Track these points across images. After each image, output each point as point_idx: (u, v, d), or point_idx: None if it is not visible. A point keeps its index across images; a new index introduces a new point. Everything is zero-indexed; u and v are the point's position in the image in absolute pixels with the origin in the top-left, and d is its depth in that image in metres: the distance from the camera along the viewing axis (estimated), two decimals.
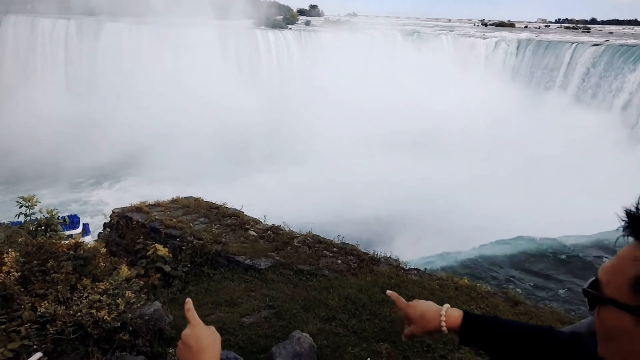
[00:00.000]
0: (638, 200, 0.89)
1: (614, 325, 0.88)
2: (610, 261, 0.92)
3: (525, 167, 28.12)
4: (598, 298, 0.90)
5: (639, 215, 0.87)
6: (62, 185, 32.10)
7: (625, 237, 0.88)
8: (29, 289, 4.89)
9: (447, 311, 1.41)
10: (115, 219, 9.24)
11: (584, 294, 0.94)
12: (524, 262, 15.78)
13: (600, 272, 0.92)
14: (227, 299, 6.58)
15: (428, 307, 1.44)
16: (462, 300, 6.53)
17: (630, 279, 0.85)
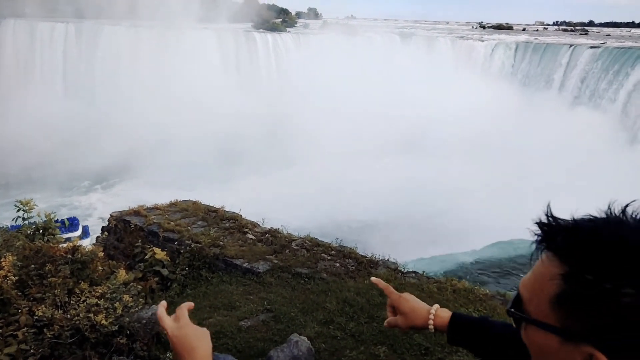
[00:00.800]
0: (548, 209, 0.83)
1: (540, 343, 0.84)
2: (529, 276, 0.87)
3: (522, 169, 28.18)
4: (522, 318, 0.87)
5: (554, 225, 0.82)
6: (54, 189, 32.02)
7: (539, 252, 0.83)
8: (26, 293, 4.89)
9: (437, 310, 1.43)
10: (113, 222, 9.24)
11: (508, 314, 0.90)
12: (522, 264, 15.79)
13: (520, 288, 0.88)
14: (225, 302, 6.58)
15: (418, 303, 1.47)
16: (460, 302, 6.54)
17: (549, 298, 0.80)
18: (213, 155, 35.28)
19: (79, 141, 38.04)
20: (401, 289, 5.66)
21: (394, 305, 1.48)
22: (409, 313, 1.44)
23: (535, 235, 0.83)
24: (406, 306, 1.46)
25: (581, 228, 0.79)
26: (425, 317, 1.41)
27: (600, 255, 0.75)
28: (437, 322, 1.41)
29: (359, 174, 30.09)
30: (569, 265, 0.78)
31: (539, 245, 0.83)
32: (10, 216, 8.08)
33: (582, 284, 0.76)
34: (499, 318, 5.55)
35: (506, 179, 27.35)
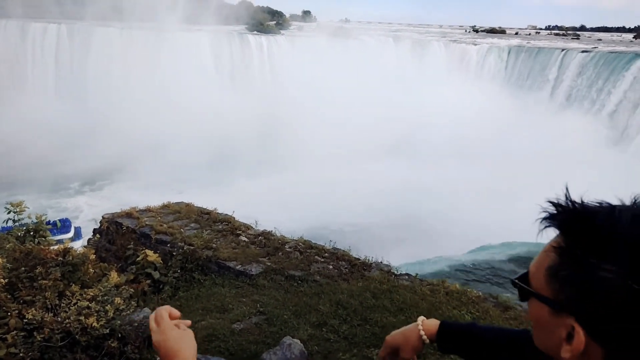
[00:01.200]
0: (566, 191, 0.89)
1: (536, 315, 0.90)
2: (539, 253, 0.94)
3: (514, 171, 28.35)
4: (524, 290, 0.93)
5: (563, 205, 0.88)
6: (42, 191, 31.76)
7: (543, 230, 0.89)
8: (15, 296, 4.83)
9: (423, 322, 1.44)
10: (105, 224, 9.18)
11: (513, 284, 0.96)
12: (514, 267, 15.87)
13: (530, 264, 0.94)
14: (217, 305, 6.55)
15: (404, 327, 1.47)
16: (452, 305, 6.55)
17: (544, 269, 0.87)
18: (205, 158, 35.20)
19: (70, 143, 37.83)
20: (394, 291, 5.66)
21: (390, 346, 1.46)
22: (402, 341, 1.44)
23: (544, 212, 0.89)
24: (396, 338, 1.45)
25: (585, 209, 0.86)
26: (416, 332, 1.43)
27: (592, 235, 0.81)
28: (427, 332, 1.42)
29: (351, 176, 30.16)
30: (565, 240, 0.85)
31: (544, 221, 0.89)
32: (0, 218, 8.03)
33: (571, 257, 0.82)
34: (491, 320, 5.57)
35: (498, 182, 27.52)
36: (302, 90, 39.39)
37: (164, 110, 39.23)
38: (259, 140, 37.07)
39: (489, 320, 6.17)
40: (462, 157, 32.06)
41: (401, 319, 5.96)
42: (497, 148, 32.33)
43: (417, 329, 1.43)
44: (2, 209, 7.15)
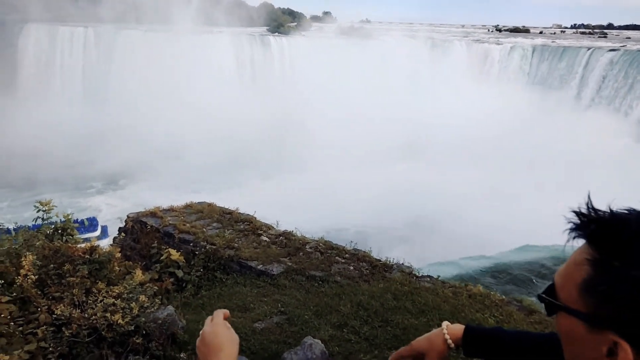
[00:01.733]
0: (588, 200, 0.86)
1: (569, 330, 0.86)
2: (564, 264, 0.90)
3: (539, 173, 27.81)
4: (552, 304, 0.89)
5: (590, 214, 0.85)
6: (64, 191, 32.61)
7: (573, 240, 0.86)
8: (45, 292, 4.98)
9: (447, 327, 1.43)
10: (130, 223, 9.35)
11: (540, 300, 0.93)
12: (539, 270, 15.57)
13: (555, 276, 0.90)
14: (239, 304, 6.61)
15: (429, 333, 1.46)
16: (475, 308, 6.46)
17: (577, 284, 0.83)
18: (223, 159, 35.63)
19: (92, 145, 38.78)
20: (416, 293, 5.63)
21: (414, 352, 1.45)
22: (427, 346, 1.42)
23: (570, 223, 0.86)
24: (421, 343, 1.44)
25: (615, 218, 0.82)
26: (442, 338, 1.41)
27: (629, 244, 0.77)
28: (452, 337, 1.41)
29: (373, 178, 30.03)
30: (598, 251, 0.81)
31: (572, 232, 0.86)
32: (29, 215, 8.27)
33: (609, 270, 0.78)
34: (515, 324, 5.48)
35: (522, 184, 27.03)
36: (321, 92, 39.45)
37: (184, 113, 39.84)
38: (277, 142, 37.28)
39: (513, 324, 6.07)
40: (484, 159, 31.61)
41: (423, 321, 5.91)
42: (519, 150, 31.77)
43: (442, 333, 1.41)
44: (29, 207, 7.36)
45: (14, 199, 32.93)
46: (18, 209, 30.16)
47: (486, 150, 32.74)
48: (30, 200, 32.04)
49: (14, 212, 28.66)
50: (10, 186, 34.29)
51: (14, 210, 30.32)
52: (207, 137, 37.11)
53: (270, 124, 38.37)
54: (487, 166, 30.94)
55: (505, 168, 30.10)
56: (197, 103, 40.15)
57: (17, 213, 27.58)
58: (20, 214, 26.81)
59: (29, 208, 25.30)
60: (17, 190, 33.95)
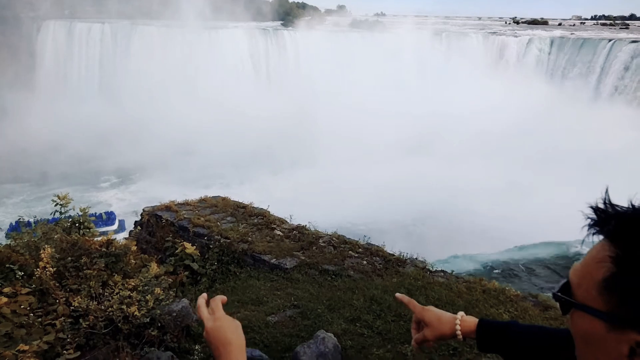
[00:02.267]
0: (605, 195, 0.83)
1: (586, 330, 0.83)
2: (581, 262, 0.87)
3: (556, 167, 27.36)
4: (569, 303, 0.86)
5: (607, 211, 0.82)
6: (77, 185, 33.22)
7: (592, 237, 0.83)
8: (63, 284, 5.07)
9: (462, 317, 1.41)
10: (145, 217, 9.47)
11: (555, 299, 0.90)
12: (554, 265, 15.37)
13: (571, 273, 0.87)
14: (253, 297, 6.65)
15: (443, 313, 1.45)
16: (490, 303, 6.41)
17: (597, 282, 0.80)
18: (238, 154, 35.82)
19: (109, 139, 39.34)
20: (429, 288, 5.59)
21: (419, 318, 1.46)
22: (435, 323, 1.42)
23: (589, 219, 0.83)
24: (432, 316, 1.43)
25: (638, 214, 0.79)
26: (452, 325, 1.40)
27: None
28: (464, 329, 1.39)
29: (387, 173, 29.90)
30: (620, 248, 0.78)
31: (591, 229, 0.83)
32: (42, 209, 8.47)
33: (632, 267, 0.75)
34: (530, 320, 5.41)
35: (538, 178, 26.65)
36: (334, 86, 39.33)
37: (198, 107, 40.15)
38: (290, 136, 37.36)
39: (528, 320, 6.00)
40: (499, 153, 31.22)
41: None
42: (535, 144, 31.30)
43: (454, 323, 1.40)
44: (43, 201, 7.51)
45: (29, 193, 33.75)
46: (32, 203, 30.96)
47: (502, 144, 32.36)
48: (43, 194, 32.98)
49: (28, 206, 29.41)
50: (25, 181, 35.18)
51: (29, 204, 31.12)
52: (220, 131, 37.38)
53: (284, 118, 38.47)
54: (502, 160, 30.57)
55: (521, 161, 29.72)
56: (212, 98, 40.42)
57: (32, 207, 28.29)
58: (35, 207, 27.48)
59: (43, 202, 26.12)
60: (31, 184, 34.79)
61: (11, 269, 4.93)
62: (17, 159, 37.52)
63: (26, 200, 32.55)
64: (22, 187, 34.68)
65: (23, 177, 35.38)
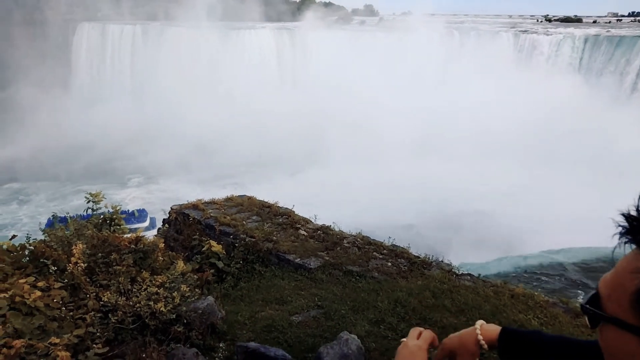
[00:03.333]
0: (638, 202, 0.78)
1: (617, 345, 0.79)
2: (611, 272, 0.82)
3: (587, 170, 26.53)
4: (598, 315, 0.81)
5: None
6: (105, 184, 34.11)
7: (624, 246, 0.79)
8: (93, 280, 5.21)
9: (482, 326, 1.37)
10: (173, 215, 9.64)
11: (583, 311, 0.85)
12: (587, 271, 14.89)
13: (600, 284, 0.82)
14: (277, 296, 6.69)
15: (460, 331, 1.40)
16: (518, 309, 6.26)
17: (629, 294, 0.75)
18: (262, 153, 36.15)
19: (138, 139, 40.33)
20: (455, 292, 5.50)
21: (445, 352, 1.41)
22: (458, 345, 1.38)
23: (620, 227, 0.79)
24: (452, 341, 1.39)
25: None
26: (473, 336, 1.36)
27: None
28: (486, 337, 1.35)
29: (413, 173, 29.61)
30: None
31: (622, 237, 0.79)
32: (76, 204, 8.74)
33: None
34: (560, 327, 5.24)
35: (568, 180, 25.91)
36: (359, 87, 39.19)
37: (225, 107, 40.69)
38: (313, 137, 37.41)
39: (558, 327, 5.83)
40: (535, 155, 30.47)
41: (462, 320, 5.78)
42: (567, 146, 30.41)
43: (475, 333, 1.36)
44: (68, 199, 7.75)
45: (54, 191, 35.01)
46: (57, 200, 32.09)
47: (532, 146, 31.62)
48: (67, 192, 34.19)
49: (54, 204, 30.51)
50: (52, 179, 36.48)
51: (54, 201, 32.29)
52: (244, 131, 37.88)
53: (307, 118, 38.61)
54: (532, 161, 29.87)
55: (551, 164, 28.94)
56: (235, 98, 40.96)
57: (57, 204, 29.35)
58: (59, 204, 28.52)
59: (67, 199, 27.08)
60: (58, 182, 36.08)
61: (45, 263, 5.09)
62: (47, 157, 39.04)
63: (51, 198, 33.81)
64: (48, 184, 36.05)
65: (51, 175, 36.76)
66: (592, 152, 28.56)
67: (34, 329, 4.15)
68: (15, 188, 35.91)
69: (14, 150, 41.04)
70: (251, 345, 4.95)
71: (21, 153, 40.37)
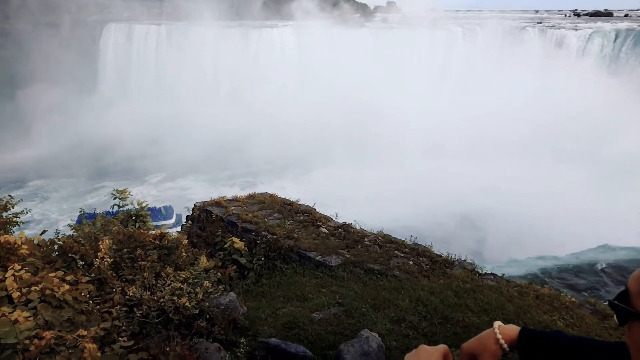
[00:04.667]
0: None
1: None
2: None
3: (625, 168, 25.73)
4: (627, 312, 0.80)
5: None
6: (124, 181, 34.83)
7: None
8: (119, 274, 5.34)
9: (500, 327, 1.36)
10: (196, 212, 9.79)
11: (612, 307, 0.83)
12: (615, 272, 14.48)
13: (630, 281, 0.81)
14: (298, 293, 6.72)
15: (479, 334, 1.39)
16: (543, 309, 6.13)
17: None
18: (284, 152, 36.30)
19: (160, 138, 41.06)
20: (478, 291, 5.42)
21: (465, 357, 1.40)
22: (477, 347, 1.36)
23: None
24: (472, 344, 1.38)
25: None
26: (492, 337, 1.35)
27: None
28: (505, 337, 1.34)
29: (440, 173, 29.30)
30: None
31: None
32: (99, 201, 8.92)
33: None
34: (587, 329, 5.11)
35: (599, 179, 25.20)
36: (385, 85, 38.92)
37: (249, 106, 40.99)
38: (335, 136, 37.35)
39: (585, 329, 5.70)
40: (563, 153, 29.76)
41: (485, 320, 5.70)
42: (599, 144, 29.58)
43: (494, 333, 1.35)
44: (86, 196, 7.94)
45: (74, 188, 36.03)
46: (81, 198, 33.05)
47: (563, 144, 30.90)
48: (85, 190, 35.12)
49: (77, 201, 31.38)
50: (74, 176, 37.52)
51: (71, 198, 33.22)
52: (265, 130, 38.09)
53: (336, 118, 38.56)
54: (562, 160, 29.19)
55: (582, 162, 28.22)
56: (260, 96, 41.19)
57: (77, 202, 30.21)
58: (82, 202, 29.37)
59: (84, 197, 27.85)
60: (79, 180, 37.08)
61: (73, 258, 5.24)
62: (72, 156, 40.21)
63: (73, 195, 34.84)
64: (70, 181, 37.13)
65: (73, 173, 37.84)
66: (627, 150, 27.71)
67: (63, 321, 4.27)
68: (39, 185, 37.03)
69: (40, 149, 42.34)
70: (272, 341, 4.99)
71: (46, 152, 41.64)
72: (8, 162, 39.71)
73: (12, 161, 39.98)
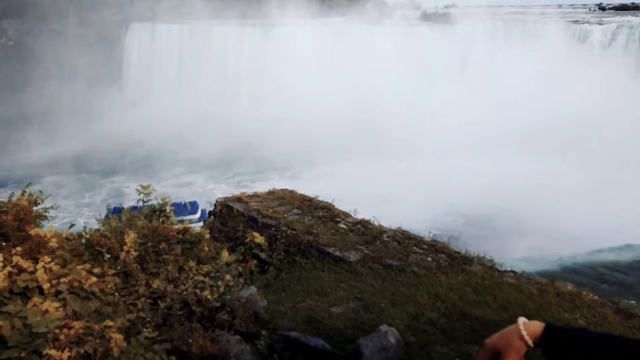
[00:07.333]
0: None
1: None
2: None
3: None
4: None
5: None
6: (145, 176, 35.37)
7: None
8: (144, 267, 5.50)
9: (524, 323, 1.36)
10: (219, 207, 9.96)
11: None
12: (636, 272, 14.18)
13: None
14: (317, 288, 6.80)
15: (503, 330, 1.39)
16: (564, 307, 6.08)
17: None
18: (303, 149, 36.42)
19: (184, 135, 41.66)
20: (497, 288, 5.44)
21: (488, 352, 1.39)
22: (502, 344, 1.36)
23: None
24: (496, 340, 1.37)
25: None
26: (517, 332, 1.35)
27: None
28: (530, 333, 1.34)
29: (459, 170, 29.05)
30: None
31: None
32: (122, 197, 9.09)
33: None
34: (610, 328, 5.08)
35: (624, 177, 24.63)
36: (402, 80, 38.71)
37: (270, 103, 41.24)
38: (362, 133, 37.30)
39: (607, 328, 5.64)
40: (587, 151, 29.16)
41: (504, 318, 5.69)
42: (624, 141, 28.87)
43: (518, 329, 1.35)
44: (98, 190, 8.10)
45: (90, 182, 36.85)
46: (91, 193, 33.84)
47: (586, 141, 30.26)
48: (99, 185, 35.85)
49: (102, 196, 32.12)
50: (94, 172, 38.31)
51: (85, 192, 34.00)
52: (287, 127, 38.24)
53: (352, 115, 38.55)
54: (585, 157, 28.60)
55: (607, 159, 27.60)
56: (282, 94, 41.40)
57: (95, 196, 30.93)
58: (104, 197, 30.12)
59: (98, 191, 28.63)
60: (98, 175, 37.85)
61: (100, 251, 5.42)
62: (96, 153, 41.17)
63: (87, 189, 35.68)
64: (88, 176, 38.02)
65: (93, 169, 38.75)
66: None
67: (90, 312, 4.43)
68: (63, 182, 37.94)
69: (66, 146, 43.32)
70: (292, 335, 5.07)
71: (72, 149, 42.59)
72: (24, 160, 40.69)
73: (29, 160, 40.87)
